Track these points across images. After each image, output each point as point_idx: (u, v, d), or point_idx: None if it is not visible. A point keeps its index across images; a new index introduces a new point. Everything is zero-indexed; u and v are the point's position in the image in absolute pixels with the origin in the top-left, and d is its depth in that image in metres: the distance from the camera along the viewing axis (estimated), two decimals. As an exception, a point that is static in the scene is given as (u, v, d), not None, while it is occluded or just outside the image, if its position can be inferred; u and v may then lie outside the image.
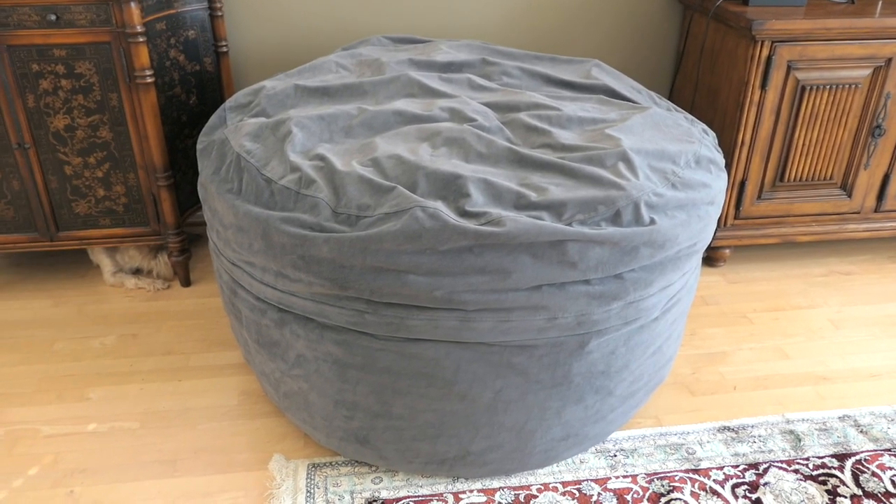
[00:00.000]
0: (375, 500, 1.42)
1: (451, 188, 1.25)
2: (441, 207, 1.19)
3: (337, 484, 1.45)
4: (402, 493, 1.43)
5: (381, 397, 1.32)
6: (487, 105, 1.60)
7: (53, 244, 2.01)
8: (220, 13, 2.09)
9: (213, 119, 1.60)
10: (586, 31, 2.38)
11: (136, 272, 2.17)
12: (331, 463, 1.50)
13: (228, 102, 1.65)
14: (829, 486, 1.46)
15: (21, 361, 1.81)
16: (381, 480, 1.46)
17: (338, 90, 1.65)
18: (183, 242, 2.05)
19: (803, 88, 1.97)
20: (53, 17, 1.73)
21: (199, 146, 1.53)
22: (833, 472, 1.50)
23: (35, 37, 1.75)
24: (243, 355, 1.63)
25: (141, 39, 1.77)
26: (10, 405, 1.66)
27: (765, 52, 1.91)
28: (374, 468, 1.49)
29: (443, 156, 1.37)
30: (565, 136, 1.46)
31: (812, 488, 1.46)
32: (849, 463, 1.52)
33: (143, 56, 1.78)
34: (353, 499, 1.42)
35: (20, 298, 2.07)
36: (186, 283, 2.13)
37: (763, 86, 1.95)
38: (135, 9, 1.73)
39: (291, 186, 1.29)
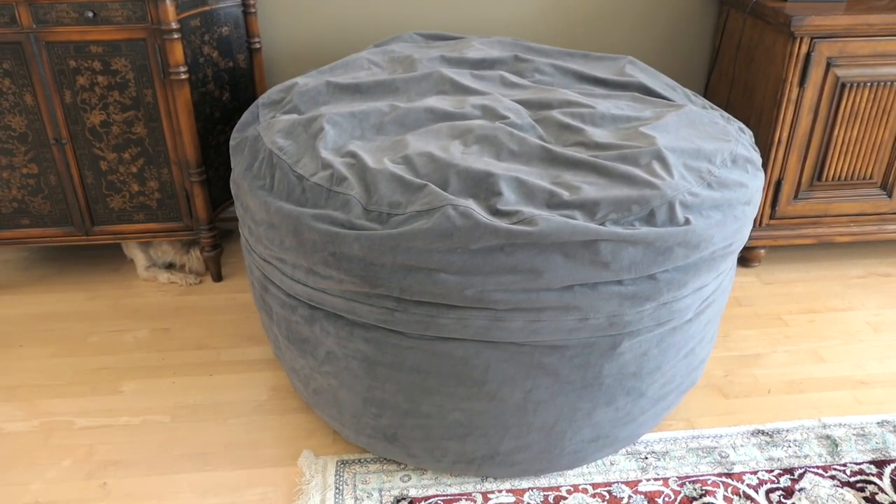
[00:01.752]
0: (404, 499, 1.41)
1: (482, 186, 1.24)
2: (473, 206, 1.18)
3: (366, 481, 1.45)
4: (431, 492, 1.43)
5: (410, 395, 1.32)
6: (520, 102, 1.59)
7: (89, 238, 2.04)
8: (253, 10, 2.10)
9: (245, 115, 1.60)
10: (620, 28, 2.36)
11: (169, 267, 2.20)
12: (359, 460, 1.50)
13: (261, 99, 1.65)
14: (867, 493, 1.43)
15: (56, 354, 1.84)
16: (410, 478, 1.46)
17: (369, 87, 1.64)
18: (215, 238, 2.07)
19: (843, 86, 1.93)
20: (91, 14, 1.75)
21: (231, 142, 1.54)
22: (871, 478, 1.47)
23: (72, 33, 1.77)
24: (273, 351, 1.64)
25: (176, 36, 1.78)
26: (46, 397, 1.69)
27: (804, 49, 1.87)
28: (402, 466, 1.49)
29: (474, 154, 1.36)
30: (598, 134, 1.44)
31: (849, 495, 1.43)
32: (888, 470, 1.49)
33: (177, 53, 1.80)
34: (381, 496, 1.42)
35: (56, 292, 2.11)
36: (218, 278, 2.15)
37: (801, 83, 1.91)
38: (170, 6, 1.75)
39: (323, 183, 1.29)
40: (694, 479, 1.46)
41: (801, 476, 1.47)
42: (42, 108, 1.85)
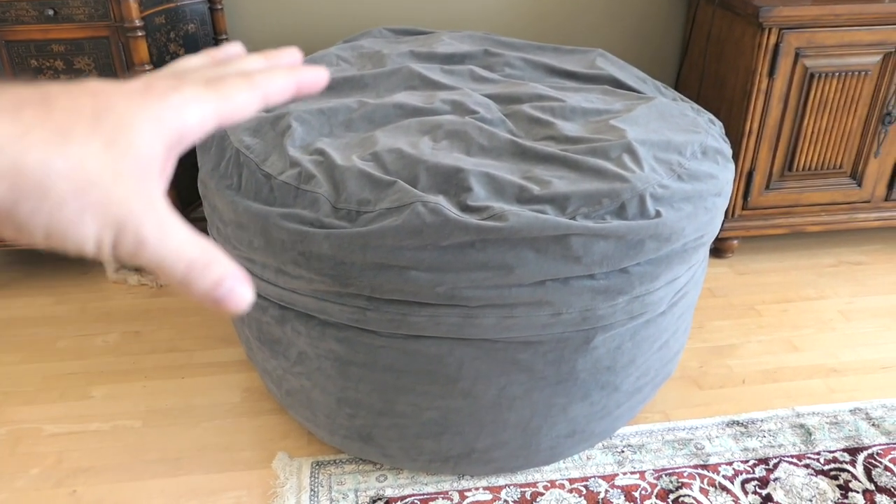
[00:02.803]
0: (380, 499, 1.40)
1: (452, 182, 1.23)
2: (442, 202, 1.17)
3: (341, 482, 1.44)
4: (407, 491, 1.42)
5: (384, 395, 1.31)
6: (489, 97, 1.57)
7: (55, 241, 2.00)
8: (219, 7, 2.07)
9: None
10: (590, 21, 2.35)
11: (139, 269, 2.16)
12: (335, 461, 1.49)
13: (228, 97, 1.63)
14: (841, 481, 1.44)
15: (24, 360, 1.80)
16: (386, 478, 1.45)
17: (338, 83, 1.62)
18: (185, 238, 2.03)
19: (812, 76, 1.94)
20: (51, 13, 1.71)
21: (198, 141, 1.51)
22: (845, 466, 1.48)
23: (33, 32, 1.73)
24: (246, 352, 1.62)
25: (140, 34, 1.75)
26: (13, 404, 1.65)
27: (772, 40, 1.88)
28: (378, 466, 1.47)
29: (444, 149, 1.35)
30: (569, 127, 1.43)
31: (823, 483, 1.44)
32: (861, 457, 1.50)
33: (142, 51, 1.77)
34: (357, 497, 1.40)
35: (23, 296, 2.07)
36: (189, 279, 2.12)
37: (771, 74, 1.92)
38: (133, 3, 1.71)
39: (291, 182, 1.27)
40: (670, 471, 1.47)
41: (776, 466, 1.48)
42: (3, 110, 1.81)
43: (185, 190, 2.07)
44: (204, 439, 1.55)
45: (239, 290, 0.31)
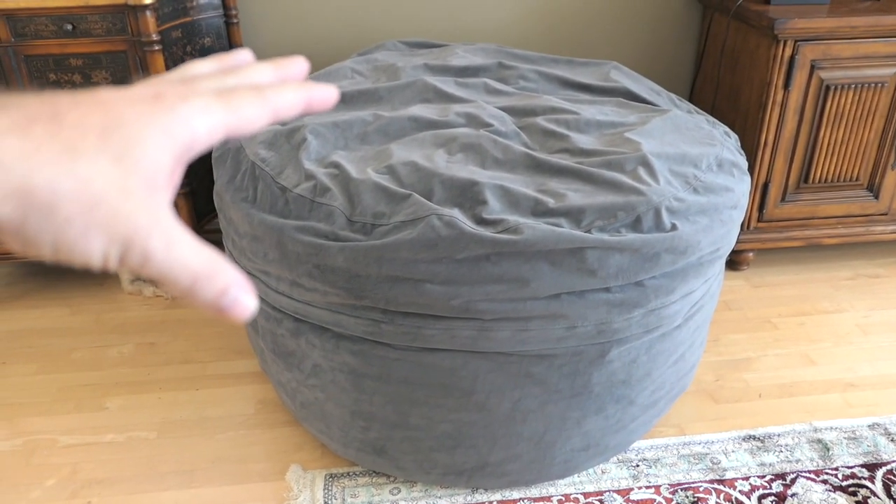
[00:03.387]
0: (393, 512, 1.40)
1: (467, 195, 1.23)
2: (457, 215, 1.17)
3: (354, 495, 1.43)
4: (421, 505, 1.41)
5: (398, 408, 1.31)
6: (504, 110, 1.58)
7: (72, 253, 2.01)
8: (235, 20, 2.09)
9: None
10: (604, 33, 2.36)
11: (152, 283, 2.17)
12: (348, 473, 1.48)
13: (243, 110, 1.64)
14: (860, 497, 1.42)
15: (39, 371, 1.81)
16: (399, 491, 1.44)
17: (353, 96, 1.63)
18: (200, 250, 2.04)
19: (827, 88, 1.93)
20: (70, 27, 1.73)
21: (213, 154, 1.52)
22: (863, 482, 1.46)
23: (52, 46, 1.75)
24: (260, 364, 1.62)
25: (157, 48, 1.77)
26: (29, 415, 1.66)
27: (787, 52, 1.88)
28: (392, 479, 1.47)
29: (459, 162, 1.35)
30: (583, 140, 1.43)
31: (842, 499, 1.42)
32: (879, 473, 1.48)
33: (158, 64, 1.78)
34: (370, 510, 1.40)
35: (39, 307, 2.08)
36: (204, 290, 2.13)
37: (786, 86, 1.91)
38: (150, 17, 1.73)
39: (306, 195, 1.27)
40: (686, 486, 1.45)
41: (793, 481, 1.46)
42: (22, 122, 1.83)
43: (201, 202, 2.09)
44: (218, 451, 1.55)
45: (243, 299, 0.32)
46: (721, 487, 1.45)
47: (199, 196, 2.07)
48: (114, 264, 0.29)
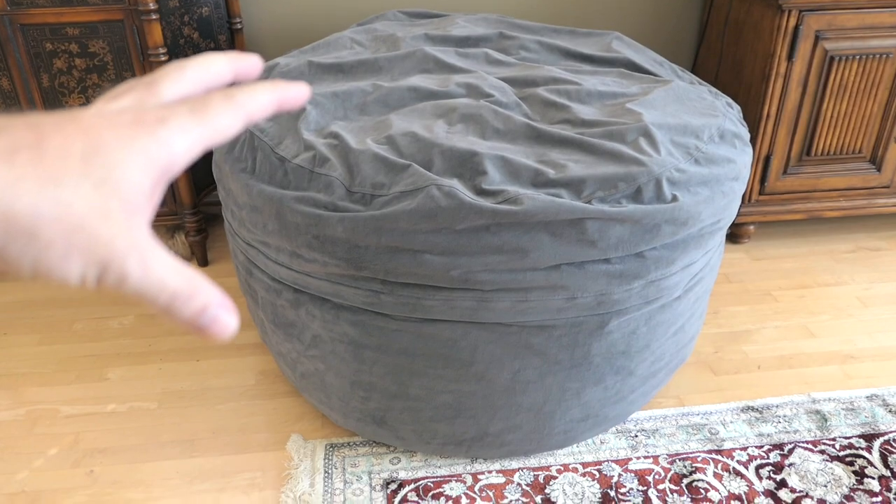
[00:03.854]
0: (393, 481, 1.41)
1: (467, 166, 1.22)
2: (457, 185, 1.16)
3: (355, 464, 1.44)
4: (421, 474, 1.42)
5: (398, 378, 1.31)
6: (505, 80, 1.56)
7: (71, 225, 2.01)
8: (233, -11, 2.07)
9: (226, 97, 1.57)
10: (606, 3, 2.33)
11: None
12: (348, 443, 1.49)
13: (242, 80, 1.62)
14: (857, 467, 1.43)
15: (41, 342, 1.82)
16: (399, 461, 1.45)
17: (352, 66, 1.62)
18: (199, 222, 2.04)
19: (832, 59, 1.91)
20: (66, -4, 1.71)
21: (212, 125, 1.51)
22: (860, 452, 1.47)
23: (48, 15, 1.73)
24: (260, 335, 1.63)
25: (154, 17, 1.75)
26: (31, 385, 1.67)
27: (792, 22, 1.85)
28: (391, 449, 1.48)
29: (459, 132, 1.34)
30: (585, 111, 1.42)
31: (839, 469, 1.43)
32: (877, 443, 1.49)
33: (156, 34, 1.76)
34: (370, 479, 1.41)
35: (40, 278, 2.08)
36: (204, 262, 2.13)
37: (790, 57, 1.89)
38: (147, -14, 1.71)
39: (305, 165, 1.27)
40: (684, 456, 1.46)
41: (791, 451, 1.47)
42: (19, 93, 1.81)
43: (200, 174, 2.08)
44: (219, 421, 1.56)
45: (223, 318, 0.32)
46: (719, 457, 1.46)
47: (198, 168, 2.06)
48: (91, 285, 0.30)
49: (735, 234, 2.20)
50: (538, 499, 1.38)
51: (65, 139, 0.30)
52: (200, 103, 0.34)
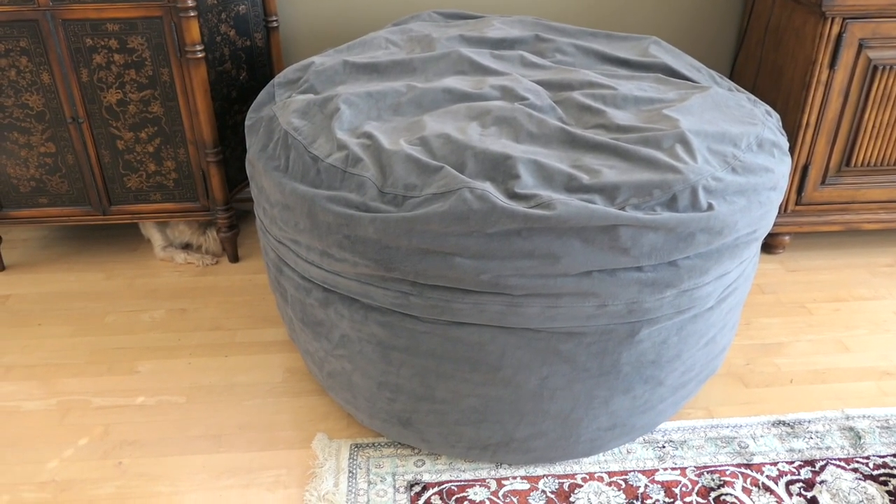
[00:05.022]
0: (417, 483, 1.40)
1: (500, 169, 1.22)
2: (489, 189, 1.16)
3: (379, 465, 1.44)
4: (445, 477, 1.42)
5: (425, 380, 1.31)
6: (540, 83, 1.55)
7: (106, 218, 2.04)
8: (271, -12, 2.08)
9: (261, 95, 1.59)
10: (644, 7, 2.30)
11: (186, 247, 2.19)
12: (373, 444, 1.49)
13: (277, 78, 1.63)
14: (891, 487, 1.40)
15: (74, 333, 1.84)
16: (424, 463, 1.45)
17: (387, 67, 1.62)
18: (231, 218, 2.06)
19: (875, 68, 1.87)
20: (107, -8, 1.73)
21: (247, 122, 1.52)
22: (895, 472, 1.43)
23: (89, 11, 1.76)
24: (288, 333, 1.63)
25: (192, 14, 1.76)
26: (63, 376, 1.69)
27: (835, 30, 1.82)
28: (416, 451, 1.48)
29: (492, 135, 1.33)
30: (620, 116, 1.40)
31: (872, 488, 1.40)
32: (912, 463, 1.45)
33: (193, 31, 1.78)
34: (395, 481, 1.41)
35: (74, 271, 2.11)
36: (235, 259, 2.15)
37: (832, 65, 1.85)
38: (186, -17, 1.73)
39: (338, 165, 1.27)
40: (712, 469, 1.44)
41: (823, 468, 1.44)
42: (59, 87, 1.84)
43: (233, 170, 2.10)
44: (245, 417, 1.57)
45: None
46: (748, 472, 1.43)
47: (231, 164, 2.08)
48: None
49: (770, 245, 2.16)
50: (563, 507, 1.36)
51: None
52: None
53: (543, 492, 1.39)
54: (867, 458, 1.47)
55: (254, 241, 2.25)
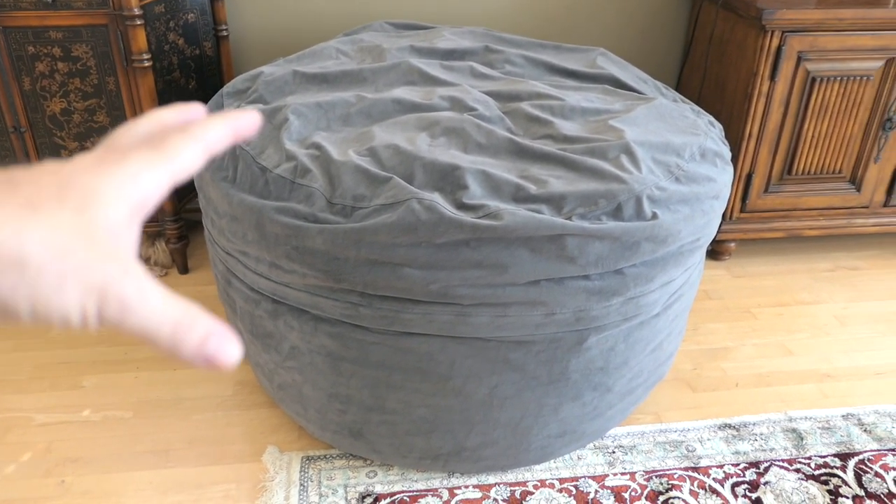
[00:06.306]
0: (369, 495, 1.40)
1: (448, 179, 1.22)
2: (438, 199, 1.16)
3: (331, 477, 1.43)
4: (397, 488, 1.42)
5: (375, 391, 1.30)
6: (489, 94, 1.57)
7: (50, 229, 1.99)
8: (220, -4, 2.06)
9: (210, 105, 1.57)
10: (592, 19, 2.34)
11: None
12: (325, 456, 1.48)
13: (226, 88, 1.62)
14: (831, 486, 1.44)
15: (16, 348, 1.79)
16: (376, 475, 1.44)
17: (337, 77, 1.61)
18: (181, 230, 2.03)
19: (813, 80, 1.93)
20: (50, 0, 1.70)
21: (194, 132, 1.50)
22: (835, 471, 1.48)
23: (31, 18, 1.72)
24: (238, 345, 1.61)
25: (139, 22, 1.74)
26: (4, 392, 1.65)
27: (774, 43, 1.87)
28: (368, 462, 1.47)
29: (441, 146, 1.34)
30: (567, 126, 1.43)
31: (814, 488, 1.43)
32: (851, 463, 1.50)
33: (140, 39, 1.75)
34: (346, 493, 1.40)
35: (17, 283, 2.05)
36: (184, 270, 2.11)
37: (772, 77, 1.91)
38: (132, -9, 1.70)
39: (286, 175, 1.26)
40: (661, 473, 1.46)
41: (767, 469, 1.48)
42: (0, 96, 1.80)
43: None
44: (194, 431, 1.55)
45: (226, 346, 0.31)
46: (695, 475, 1.46)
47: (180, 174, 2.05)
48: (93, 320, 0.29)
49: (716, 251, 2.21)
50: (514, 514, 1.37)
51: (36, 177, 0.29)
52: (158, 139, 0.34)
53: (495, 500, 1.39)
54: (809, 458, 1.51)
55: (204, 252, 2.22)
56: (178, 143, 0.34)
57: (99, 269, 0.28)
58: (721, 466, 1.48)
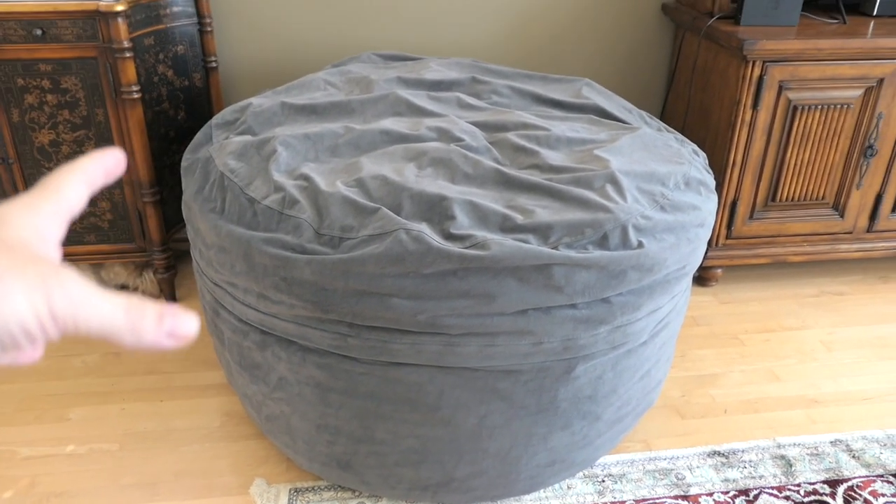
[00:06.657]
0: (358, 527, 1.39)
1: (436, 210, 1.23)
2: (425, 230, 1.17)
3: (319, 509, 1.42)
4: (386, 520, 1.40)
5: (364, 422, 1.30)
6: (476, 124, 1.58)
7: (37, 260, 1.98)
8: (209, 29, 2.08)
9: (198, 136, 1.58)
10: (578, 50, 2.38)
11: (122, 289, 2.14)
12: (313, 488, 1.47)
13: (214, 119, 1.63)
14: (820, 514, 1.44)
15: (2, 380, 1.78)
16: (365, 506, 1.43)
17: (325, 108, 1.63)
18: (168, 260, 2.02)
19: (795, 108, 1.96)
20: (39, 32, 1.71)
21: (183, 163, 1.51)
22: (825, 498, 1.48)
23: (20, 51, 1.73)
24: (226, 376, 1.61)
25: (128, 55, 1.75)
26: (-12, 425, 1.63)
27: (756, 72, 1.91)
28: (357, 494, 1.46)
29: (428, 176, 1.35)
30: (553, 156, 1.44)
31: (803, 516, 1.43)
32: (840, 489, 1.50)
33: (129, 71, 1.77)
34: (335, 525, 1.39)
35: (3, 315, 2.04)
36: (172, 300, 2.11)
37: (755, 106, 1.94)
38: (122, 24, 1.71)
39: (274, 207, 1.27)
40: (650, 501, 1.46)
41: (756, 497, 1.48)
42: (-12, 127, 1.80)
43: (170, 211, 2.07)
44: (182, 464, 1.53)
45: (182, 318, 0.33)
46: (685, 503, 1.46)
47: (169, 204, 2.05)
48: (47, 319, 0.29)
49: (703, 278, 2.23)
50: (504, 545, 1.36)
51: None
52: (45, 182, 0.37)
53: (485, 531, 1.39)
54: (798, 485, 1.51)
55: (192, 282, 2.22)
56: (59, 182, 0.36)
57: (31, 268, 0.30)
58: (711, 494, 1.48)
